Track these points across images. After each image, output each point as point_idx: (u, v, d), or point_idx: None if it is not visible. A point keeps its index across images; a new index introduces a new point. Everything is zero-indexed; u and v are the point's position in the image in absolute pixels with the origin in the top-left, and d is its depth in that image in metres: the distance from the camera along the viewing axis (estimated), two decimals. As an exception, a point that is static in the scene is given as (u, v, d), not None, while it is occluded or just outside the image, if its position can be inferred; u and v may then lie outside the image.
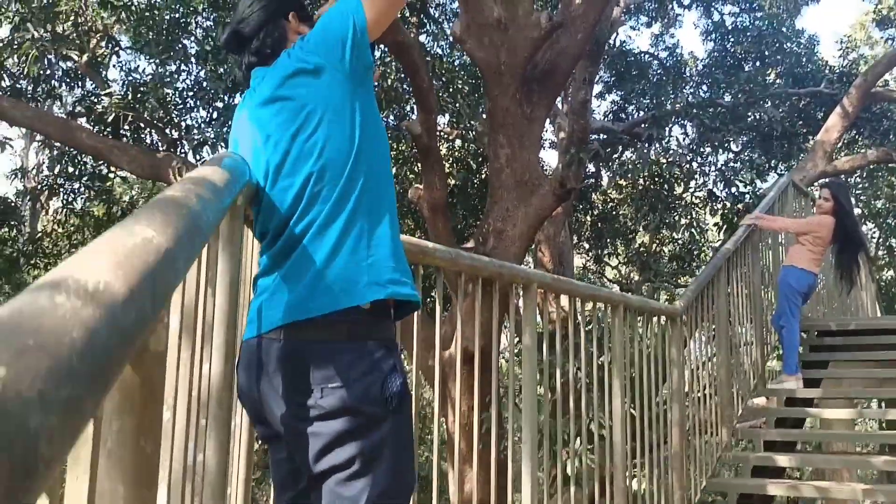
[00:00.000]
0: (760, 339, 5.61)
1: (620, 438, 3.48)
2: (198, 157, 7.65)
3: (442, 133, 10.35)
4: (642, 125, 11.50)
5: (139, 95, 7.83)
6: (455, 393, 6.11)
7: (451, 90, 9.73)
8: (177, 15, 7.87)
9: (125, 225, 0.62)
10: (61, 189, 9.58)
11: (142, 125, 8.33)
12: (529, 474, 2.81)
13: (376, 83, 1.77)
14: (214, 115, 8.14)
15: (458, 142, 10.70)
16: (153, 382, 0.62)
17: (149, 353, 0.62)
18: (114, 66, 9.31)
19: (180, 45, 7.76)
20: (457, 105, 9.65)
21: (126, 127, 8.20)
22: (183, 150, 8.04)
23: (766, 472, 4.72)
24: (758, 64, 12.17)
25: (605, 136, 11.66)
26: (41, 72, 8.21)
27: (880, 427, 6.55)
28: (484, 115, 8.71)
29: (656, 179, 10.67)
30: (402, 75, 8.27)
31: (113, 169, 8.87)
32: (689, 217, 11.72)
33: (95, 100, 8.04)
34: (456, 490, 6.34)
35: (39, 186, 10.02)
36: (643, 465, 3.79)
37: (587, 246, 12.96)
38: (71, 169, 9.22)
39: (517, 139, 6.60)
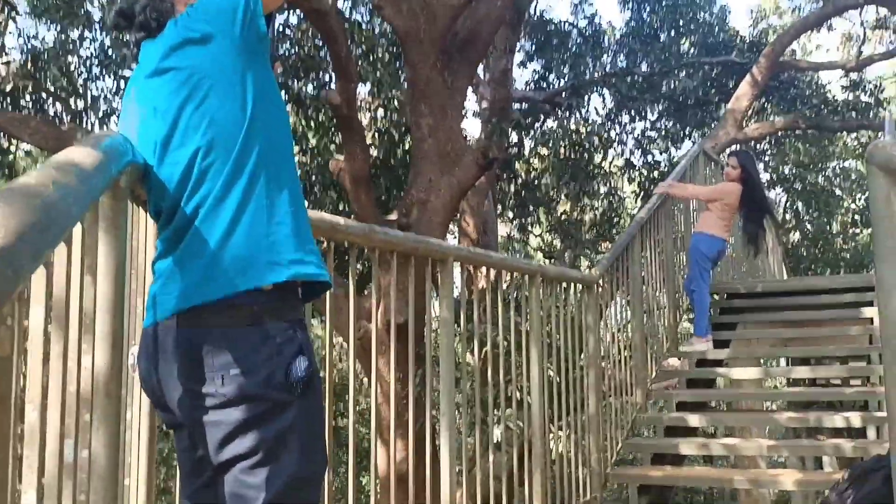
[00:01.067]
0: (673, 302, 5.80)
1: (538, 403, 3.55)
2: (105, 129, 7.32)
3: (363, 103, 10.19)
4: (562, 94, 11.62)
5: (40, 64, 7.41)
6: (379, 364, 6.11)
7: (371, 58, 9.57)
8: (78, -22, 7.45)
9: (-43, 221, 0.57)
10: (-42, 163, 9.01)
11: (44, 95, 7.90)
12: (448, 443, 2.84)
13: (277, 73, 1.68)
14: (121, 84, 7.79)
15: (380, 112, 10.57)
16: (-3, 389, 0.58)
17: (-11, 357, 0.57)
18: (10, 32, 8.76)
19: (83, 11, 7.36)
20: (377, 74, 9.50)
21: (27, 97, 7.76)
22: (89, 122, 7.67)
23: (678, 431, 4.91)
24: (672, 34, 12.41)
25: (526, 105, 11.74)
26: (-71, 38, 7.67)
27: (788, 385, 6.91)
28: (405, 85, 8.62)
29: (576, 148, 10.82)
30: (320, 42, 8.07)
31: (14, 142, 8.41)
32: (607, 185, 11.96)
33: (-9, 68, 7.57)
34: (386, 460, 6.37)
35: (-67, 161, 9.40)
36: (561, 428, 3.88)
37: (511, 215, 13.08)
38: (-33, 142, 8.67)
39: (439, 109, 6.57)
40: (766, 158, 14.11)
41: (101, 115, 7.13)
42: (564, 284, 4.04)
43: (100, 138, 1.16)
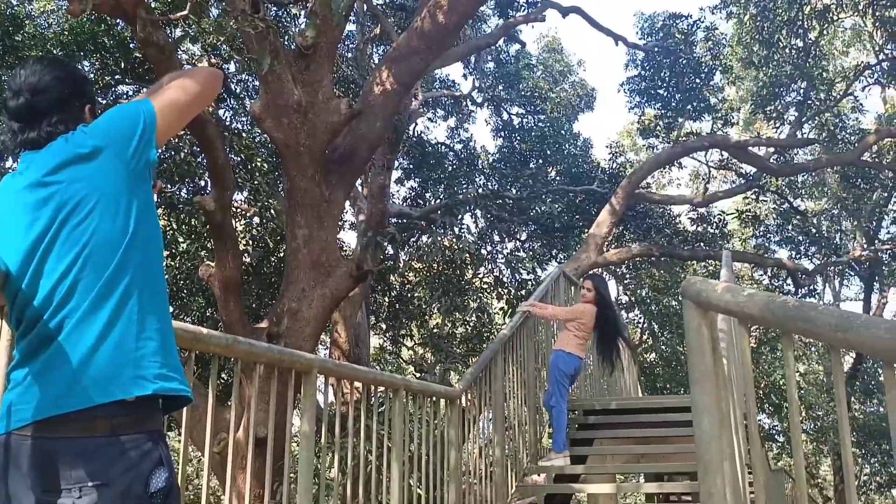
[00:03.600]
0: (535, 418, 5.98)
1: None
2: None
3: (239, 210, 10.18)
4: (437, 212, 12.10)
5: None
6: (238, 479, 5.86)
7: (249, 167, 9.66)
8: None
9: None
10: None
11: None
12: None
13: (156, 194, 1.74)
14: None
15: (255, 219, 10.58)
16: None
17: None
18: None
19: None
20: (255, 182, 9.58)
21: None
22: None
23: (537, 547, 4.96)
24: (540, 162, 13.35)
25: (402, 221, 12.11)
26: None
27: (645, 501, 7.16)
28: (283, 194, 8.72)
29: (449, 264, 11.18)
30: (197, 148, 8.10)
31: None
32: (478, 301, 12.34)
33: None
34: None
35: None
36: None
37: (384, 327, 13.18)
38: None
39: (315, 220, 6.63)
40: (626, 281, 15.05)
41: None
42: (429, 399, 4.12)
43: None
